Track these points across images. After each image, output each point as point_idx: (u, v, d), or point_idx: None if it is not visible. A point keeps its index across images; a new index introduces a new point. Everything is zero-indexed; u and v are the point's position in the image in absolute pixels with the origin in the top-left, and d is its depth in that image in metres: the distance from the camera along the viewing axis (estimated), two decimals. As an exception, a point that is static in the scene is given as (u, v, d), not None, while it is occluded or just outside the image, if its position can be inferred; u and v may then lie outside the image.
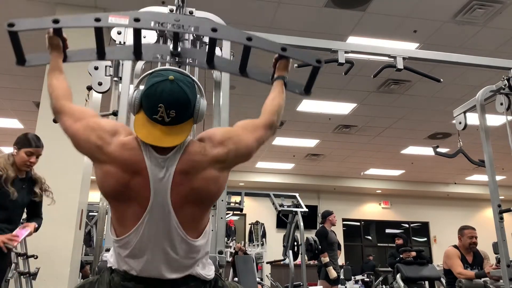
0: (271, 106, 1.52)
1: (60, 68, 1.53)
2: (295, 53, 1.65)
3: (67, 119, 1.38)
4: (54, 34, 1.54)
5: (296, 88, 1.74)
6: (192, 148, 1.31)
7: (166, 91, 1.26)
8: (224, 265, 1.95)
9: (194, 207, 1.30)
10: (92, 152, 1.31)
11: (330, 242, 5.81)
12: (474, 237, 4.14)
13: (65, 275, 3.85)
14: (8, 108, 7.31)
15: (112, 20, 1.60)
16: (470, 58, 3.03)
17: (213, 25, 1.62)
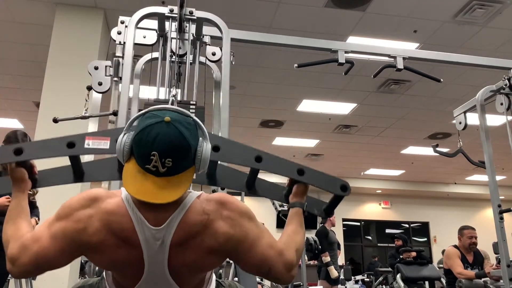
0: (291, 242, 1.24)
1: (21, 208, 1.22)
2: (315, 178, 1.40)
3: (29, 249, 1.08)
4: (17, 166, 1.27)
5: (315, 208, 1.52)
6: (192, 216, 1.10)
7: (161, 135, 1.05)
8: (224, 265, 1.95)
9: (193, 274, 1.15)
10: (80, 245, 1.08)
11: (330, 242, 5.82)
12: (474, 237, 4.14)
13: (65, 275, 3.85)
14: (8, 108, 7.31)
15: (89, 143, 1.33)
16: (470, 58, 3.03)
17: (214, 143, 1.36)
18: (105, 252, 1.08)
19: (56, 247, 1.08)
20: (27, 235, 1.11)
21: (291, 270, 1.16)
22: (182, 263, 1.11)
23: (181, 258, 1.10)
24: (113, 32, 2.26)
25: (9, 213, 1.20)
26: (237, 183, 1.54)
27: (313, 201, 1.50)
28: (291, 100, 6.93)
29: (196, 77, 2.25)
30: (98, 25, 4.56)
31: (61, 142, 1.32)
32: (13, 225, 1.16)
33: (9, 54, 5.41)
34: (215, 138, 1.43)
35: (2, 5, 4.52)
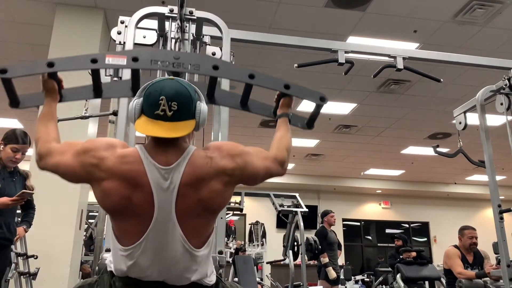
0: (281, 144, 1.48)
1: (51, 114, 1.46)
2: (299, 91, 1.65)
3: (54, 157, 1.30)
4: (48, 78, 1.50)
5: (299, 122, 1.73)
6: (197, 160, 1.26)
7: (167, 86, 1.26)
8: (224, 265, 1.95)
9: (199, 219, 1.27)
10: (89, 175, 1.24)
11: (330, 242, 5.81)
12: (474, 237, 4.14)
13: (65, 275, 3.85)
14: (8, 108, 7.29)
15: (109, 60, 1.53)
16: (470, 58, 3.03)
17: (214, 63, 1.58)
18: (112, 190, 1.21)
19: (72, 168, 1.27)
20: (56, 145, 1.34)
21: (283, 165, 1.44)
22: (191, 203, 1.24)
23: (191, 197, 1.23)
24: (113, 32, 2.26)
25: (42, 117, 1.44)
26: (233, 102, 1.77)
27: (297, 117, 1.72)
28: (291, 100, 6.92)
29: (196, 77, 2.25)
30: (98, 25, 4.56)
31: (86, 58, 1.52)
32: (45, 127, 1.40)
33: (9, 54, 5.41)
34: (216, 60, 1.66)
35: (2, 5, 4.52)
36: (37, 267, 3.60)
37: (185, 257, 1.26)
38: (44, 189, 4.01)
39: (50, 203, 3.94)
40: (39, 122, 1.42)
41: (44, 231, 3.86)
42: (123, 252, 1.26)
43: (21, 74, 1.48)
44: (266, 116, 1.73)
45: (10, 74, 1.45)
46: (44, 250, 3.79)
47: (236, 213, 7.43)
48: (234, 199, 6.19)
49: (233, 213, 7.61)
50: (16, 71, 1.46)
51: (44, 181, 4.10)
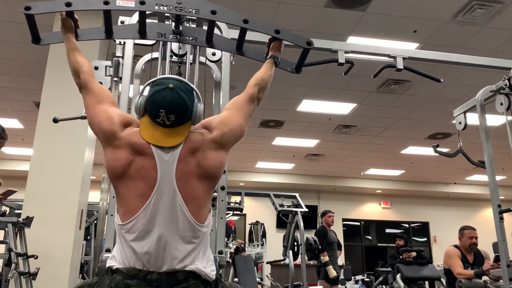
0: (254, 79, 1.69)
1: (78, 48, 1.68)
2: (288, 35, 1.81)
3: (90, 98, 1.55)
4: (66, 16, 1.68)
5: (288, 66, 1.91)
6: (192, 137, 1.46)
7: (167, 98, 1.42)
8: (224, 265, 1.95)
9: (196, 182, 1.42)
10: (105, 135, 1.45)
11: (330, 242, 5.81)
12: (474, 238, 4.13)
13: (65, 275, 3.85)
14: (8, 108, 7.31)
15: (119, 3, 1.71)
16: (470, 58, 3.03)
17: (212, 8, 1.74)
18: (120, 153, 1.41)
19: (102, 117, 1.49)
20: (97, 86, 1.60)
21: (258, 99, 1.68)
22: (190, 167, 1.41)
23: (190, 163, 1.41)
24: (117, 23, 2.26)
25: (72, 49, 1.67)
26: (229, 46, 1.96)
27: (287, 62, 1.91)
28: (291, 100, 6.93)
29: (196, 77, 2.25)
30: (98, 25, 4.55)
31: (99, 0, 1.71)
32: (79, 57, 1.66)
33: (9, 54, 5.41)
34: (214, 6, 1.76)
35: (2, 5, 4.52)
36: (37, 267, 3.60)
37: (184, 225, 1.38)
38: (44, 189, 4.02)
39: (50, 203, 3.94)
40: (71, 53, 1.66)
41: (44, 231, 3.86)
42: (127, 227, 1.37)
43: (43, 11, 1.63)
44: (259, 60, 1.86)
45: (33, 11, 1.62)
46: (44, 250, 3.79)
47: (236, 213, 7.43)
48: (234, 199, 6.19)
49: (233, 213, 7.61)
50: (38, 9, 1.62)
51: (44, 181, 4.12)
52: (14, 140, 8.55)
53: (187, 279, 1.34)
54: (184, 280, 1.33)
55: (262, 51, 1.88)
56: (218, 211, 2.08)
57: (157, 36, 1.89)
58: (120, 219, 1.40)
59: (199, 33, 1.93)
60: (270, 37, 1.81)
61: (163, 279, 1.32)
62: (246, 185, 11.44)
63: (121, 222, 1.38)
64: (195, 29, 2.05)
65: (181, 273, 1.34)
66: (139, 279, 1.32)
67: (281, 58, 1.82)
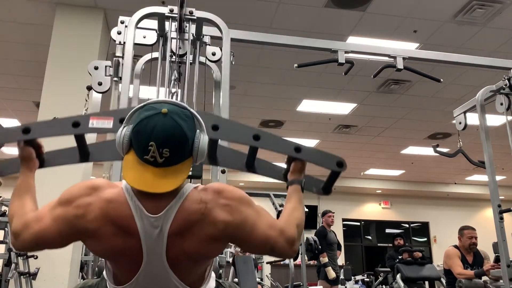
0: (291, 217, 1.31)
1: (27, 186, 1.28)
2: (311, 155, 1.43)
3: (31, 228, 1.13)
4: (25, 145, 1.32)
5: (314, 187, 1.56)
6: (190, 206, 1.12)
7: (158, 126, 1.07)
8: (224, 265, 1.95)
9: (192, 264, 1.17)
10: (78, 229, 1.11)
11: (329, 242, 5.81)
12: (474, 238, 4.13)
13: (65, 275, 3.85)
14: (8, 108, 7.31)
15: (93, 123, 1.35)
16: (470, 58, 3.03)
17: (213, 122, 1.38)
18: (102, 240, 1.11)
19: (55, 230, 1.12)
20: (31, 214, 1.16)
21: (293, 245, 1.22)
22: (181, 252, 1.12)
23: (180, 247, 1.11)
24: (113, 32, 2.26)
25: (16, 190, 1.26)
26: (237, 163, 1.56)
27: (312, 180, 1.54)
28: (291, 100, 6.93)
29: (196, 77, 2.25)
30: (98, 25, 4.56)
31: (67, 121, 1.35)
32: (19, 201, 1.22)
33: (9, 54, 5.41)
34: (214, 118, 1.46)
35: (2, 5, 4.52)
36: (37, 267, 3.60)
37: None
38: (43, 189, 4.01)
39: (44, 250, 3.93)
40: (12, 197, 1.24)
41: (44, 231, 3.86)
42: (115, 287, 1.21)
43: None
44: (276, 179, 1.54)
45: None
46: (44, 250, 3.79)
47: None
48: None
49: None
50: None
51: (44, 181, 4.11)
52: (14, 140, 8.55)
53: None
54: None
55: (279, 168, 1.55)
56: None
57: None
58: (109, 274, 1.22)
59: None
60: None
61: None
62: (246, 185, 11.43)
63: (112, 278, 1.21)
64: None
65: None
66: None
67: (306, 176, 1.46)
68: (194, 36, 2.33)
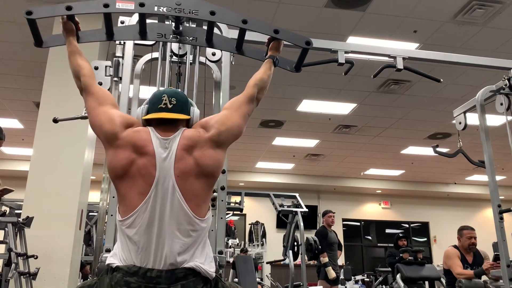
0: (253, 80, 1.71)
1: (80, 51, 1.72)
2: (287, 35, 1.83)
3: (91, 100, 1.59)
4: (67, 20, 1.71)
5: (287, 65, 1.94)
6: (189, 133, 1.52)
7: (168, 90, 1.61)
8: (224, 265, 1.95)
9: (195, 181, 1.44)
10: (106, 136, 1.49)
11: (330, 242, 5.81)
12: (473, 238, 4.13)
13: (65, 275, 3.85)
14: (8, 108, 7.31)
15: (119, 5, 1.73)
16: (470, 58, 3.03)
17: (211, 8, 1.77)
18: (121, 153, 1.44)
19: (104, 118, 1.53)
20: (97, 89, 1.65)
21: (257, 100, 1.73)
22: (188, 164, 1.44)
23: (187, 160, 1.45)
24: (117, 24, 2.26)
25: (73, 52, 1.71)
26: (229, 45, 1.97)
27: (286, 61, 1.93)
28: (291, 100, 6.93)
29: (196, 77, 2.25)
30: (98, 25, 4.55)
31: (99, 2, 1.71)
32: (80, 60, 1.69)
33: (9, 54, 5.41)
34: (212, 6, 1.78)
35: (2, 5, 4.52)
36: (37, 267, 3.60)
37: (183, 219, 1.40)
38: (44, 189, 4.02)
39: (50, 203, 3.94)
40: (73, 57, 1.69)
41: (44, 231, 3.86)
42: (128, 222, 1.40)
43: (44, 15, 1.68)
44: (259, 59, 1.88)
45: (35, 16, 1.65)
46: (44, 250, 3.79)
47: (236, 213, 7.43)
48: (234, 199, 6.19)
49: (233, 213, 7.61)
50: (39, 13, 1.67)
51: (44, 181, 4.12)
52: (14, 140, 8.55)
53: (186, 276, 1.35)
54: (184, 277, 1.34)
55: (262, 50, 1.91)
56: (218, 211, 2.08)
57: (157, 37, 1.91)
58: (120, 215, 1.44)
59: (199, 33, 1.94)
60: (269, 37, 1.83)
61: (163, 276, 1.33)
62: (246, 185, 11.44)
63: (121, 218, 1.42)
64: (195, 29, 2.06)
65: (180, 270, 1.35)
66: (139, 276, 1.33)
67: (280, 57, 1.84)
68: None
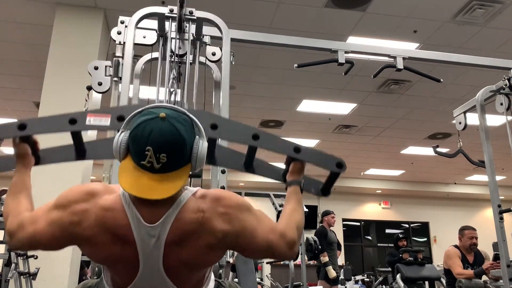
0: (291, 220, 1.28)
1: (23, 184, 1.27)
2: (311, 155, 1.41)
3: (26, 229, 1.13)
4: (21, 141, 1.31)
5: (312, 188, 1.54)
6: (187, 215, 1.10)
7: (156, 131, 1.05)
8: (224, 265, 1.95)
9: (189, 273, 1.15)
10: (72, 236, 1.11)
11: (330, 242, 5.81)
12: (475, 238, 4.13)
13: (65, 275, 3.85)
14: (8, 108, 7.31)
15: (90, 120, 1.34)
16: (470, 58, 3.03)
17: (212, 121, 1.37)
18: (98, 247, 1.10)
19: (50, 233, 1.12)
20: (26, 215, 1.16)
21: (293, 248, 1.21)
22: (178, 261, 1.11)
23: (177, 256, 1.10)
24: (113, 32, 2.26)
25: (12, 188, 1.24)
26: (235, 163, 1.54)
27: (311, 181, 1.52)
28: (291, 100, 6.93)
29: (196, 77, 2.25)
30: (98, 25, 4.56)
31: (64, 118, 1.34)
32: (15, 199, 1.21)
33: (9, 54, 5.41)
34: (213, 117, 1.44)
35: (2, 5, 4.52)
36: (37, 267, 3.60)
37: None
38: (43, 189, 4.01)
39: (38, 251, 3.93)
40: (7, 194, 1.24)
41: (44, 231, 3.85)
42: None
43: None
44: (275, 179, 1.51)
45: None
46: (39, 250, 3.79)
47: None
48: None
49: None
50: None
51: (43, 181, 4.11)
52: (14, 140, 8.55)
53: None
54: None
55: (278, 169, 1.53)
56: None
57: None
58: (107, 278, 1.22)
59: None
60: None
61: None
62: (246, 185, 11.43)
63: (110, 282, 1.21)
64: None
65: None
66: None
67: (305, 177, 1.44)
68: (194, 36, 2.33)
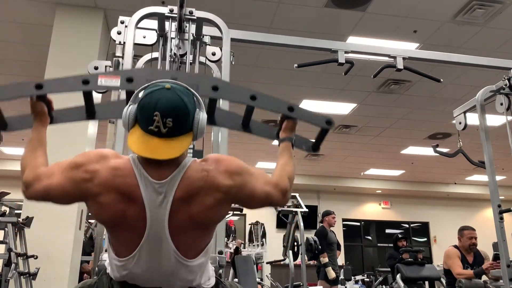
0: (283, 172, 1.38)
1: (40, 140, 1.37)
2: (303, 114, 1.56)
3: (42, 181, 1.22)
4: (37, 100, 1.40)
5: (303, 145, 1.64)
6: (193, 174, 1.21)
7: (162, 99, 1.17)
8: (224, 265, 1.95)
9: (193, 234, 1.23)
10: (83, 191, 1.19)
11: (330, 242, 5.81)
12: (474, 238, 4.13)
13: (65, 275, 3.85)
14: (8, 108, 7.29)
15: (102, 81, 1.44)
16: (470, 58, 3.04)
17: (213, 83, 1.48)
18: (106, 205, 1.18)
19: (62, 188, 1.21)
20: (43, 168, 1.26)
21: (286, 195, 1.34)
22: (185, 219, 1.19)
23: (185, 213, 1.19)
24: (113, 32, 2.27)
25: (29, 143, 1.35)
26: (234, 123, 1.65)
27: (302, 139, 1.62)
28: (291, 100, 6.88)
29: (196, 77, 2.25)
30: (98, 25, 4.56)
31: (77, 79, 1.43)
32: (32, 154, 1.31)
33: (9, 54, 5.41)
34: (215, 80, 1.56)
35: (2, 5, 4.52)
36: (37, 267, 3.60)
37: (179, 269, 1.24)
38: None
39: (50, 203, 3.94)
40: (25, 148, 1.33)
41: (44, 231, 3.85)
42: (118, 262, 1.25)
43: (8, 96, 1.43)
44: (269, 138, 1.63)
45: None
46: (44, 250, 3.79)
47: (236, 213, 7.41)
48: (234, 199, 6.18)
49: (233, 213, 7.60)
50: (2, 94, 1.43)
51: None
52: (14, 140, 8.54)
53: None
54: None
55: (272, 128, 1.64)
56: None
57: None
58: (112, 250, 1.27)
59: None
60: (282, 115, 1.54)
61: None
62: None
63: (113, 254, 1.26)
64: None
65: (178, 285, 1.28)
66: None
67: (296, 136, 1.56)
68: (194, 36, 2.33)
